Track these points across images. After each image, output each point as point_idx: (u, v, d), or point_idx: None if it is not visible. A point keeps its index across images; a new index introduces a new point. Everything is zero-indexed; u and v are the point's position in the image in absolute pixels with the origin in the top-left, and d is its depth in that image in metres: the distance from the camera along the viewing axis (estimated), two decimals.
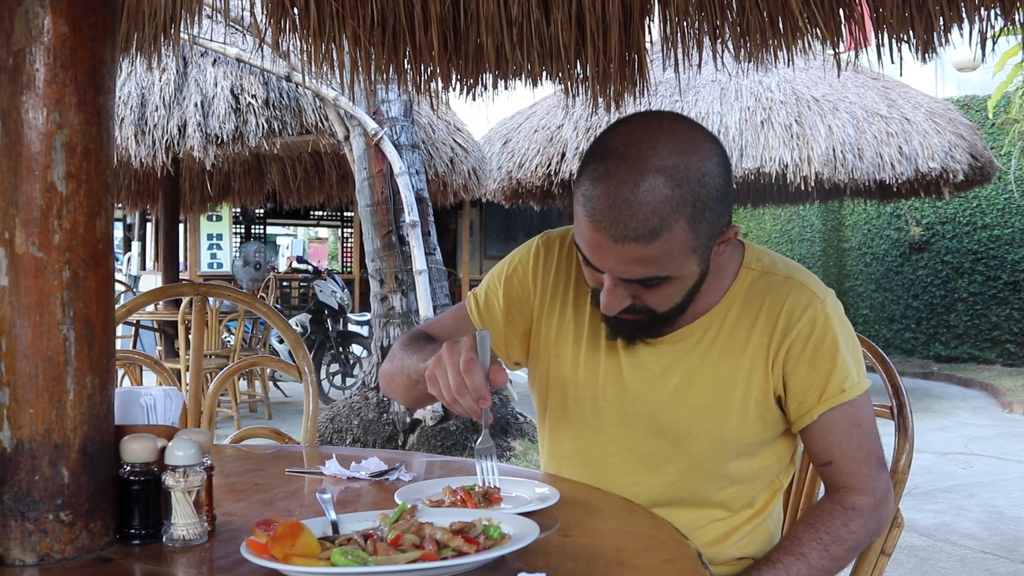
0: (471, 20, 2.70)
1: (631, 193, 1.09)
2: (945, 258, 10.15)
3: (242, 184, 9.02)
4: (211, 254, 11.99)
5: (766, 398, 1.27)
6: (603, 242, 1.12)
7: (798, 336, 1.25)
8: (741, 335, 1.27)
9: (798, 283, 1.28)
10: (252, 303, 1.84)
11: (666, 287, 1.17)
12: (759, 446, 1.31)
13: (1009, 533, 3.96)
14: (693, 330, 1.29)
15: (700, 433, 1.28)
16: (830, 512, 1.26)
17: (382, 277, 5.08)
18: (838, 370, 1.24)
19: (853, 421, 1.26)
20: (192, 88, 5.36)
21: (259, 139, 5.32)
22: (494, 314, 1.42)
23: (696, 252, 1.15)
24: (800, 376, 1.25)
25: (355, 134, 5.14)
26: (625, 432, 1.32)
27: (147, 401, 1.02)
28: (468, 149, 6.65)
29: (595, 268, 1.17)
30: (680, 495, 1.31)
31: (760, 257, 1.33)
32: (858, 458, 1.27)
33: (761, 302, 1.28)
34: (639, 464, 1.32)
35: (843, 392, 1.25)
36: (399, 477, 1.31)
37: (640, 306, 1.19)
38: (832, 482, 1.29)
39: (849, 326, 1.30)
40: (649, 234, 1.09)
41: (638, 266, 1.13)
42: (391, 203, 5.01)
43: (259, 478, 1.34)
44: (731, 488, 1.31)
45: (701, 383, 1.28)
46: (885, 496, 1.28)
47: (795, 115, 6.80)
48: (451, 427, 4.93)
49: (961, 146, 6.99)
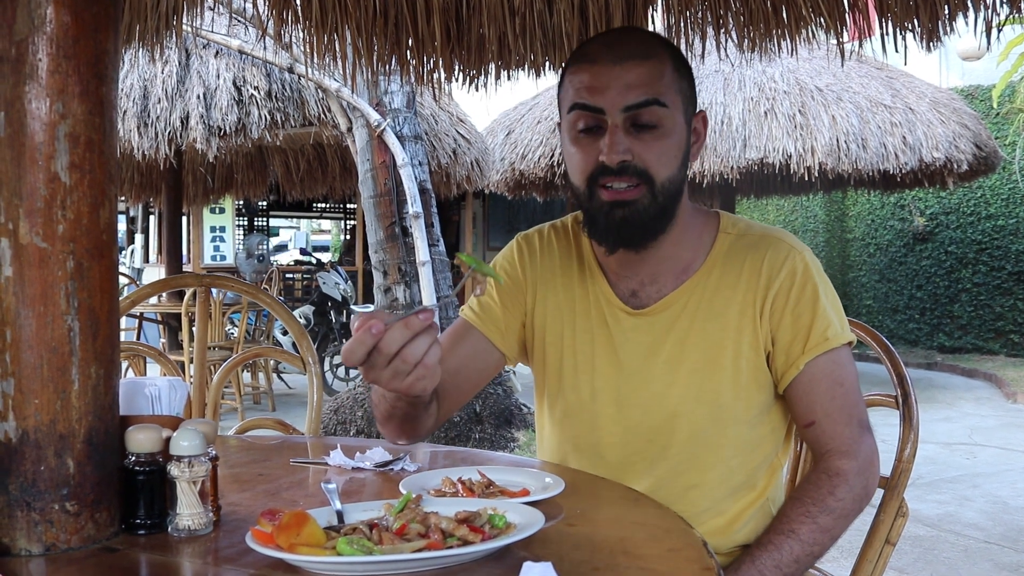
0: (473, 10, 2.69)
1: (620, 33, 1.34)
2: (949, 248, 10.12)
3: (245, 176, 9.04)
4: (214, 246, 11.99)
5: (757, 356, 1.29)
6: (602, 71, 1.24)
7: (780, 288, 1.28)
8: (725, 295, 1.31)
9: (775, 239, 1.33)
10: (256, 294, 1.84)
11: (659, 137, 1.24)
12: (756, 413, 1.31)
13: (1013, 523, 3.96)
14: (678, 296, 1.32)
15: (696, 401, 1.29)
16: (815, 482, 1.26)
17: (385, 268, 5.08)
18: (819, 318, 1.27)
19: (836, 379, 1.28)
20: (195, 80, 5.35)
21: (262, 131, 5.32)
22: (493, 312, 1.42)
23: (681, 95, 1.27)
24: (786, 328, 1.28)
25: (358, 125, 5.13)
26: (623, 413, 1.34)
27: (152, 392, 1.02)
28: (471, 140, 6.65)
29: (594, 110, 1.24)
30: (683, 476, 1.31)
31: (735, 222, 1.38)
32: (840, 419, 1.27)
33: (742, 261, 1.31)
34: (640, 446, 1.33)
35: (826, 340, 1.26)
36: (403, 467, 1.31)
37: (638, 167, 1.23)
38: (816, 445, 1.30)
39: (827, 279, 1.33)
40: (643, 53, 1.25)
41: (637, 88, 1.22)
42: (394, 194, 5.01)
43: (264, 468, 1.34)
44: (732, 460, 1.31)
45: (691, 348, 1.30)
46: (870, 460, 1.28)
47: (799, 105, 6.78)
48: (454, 418, 4.93)
49: (965, 136, 6.97)
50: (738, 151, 6.70)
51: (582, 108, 1.26)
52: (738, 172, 6.76)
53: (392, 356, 0.94)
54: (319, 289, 8.19)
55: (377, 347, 0.93)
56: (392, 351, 0.93)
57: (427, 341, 0.94)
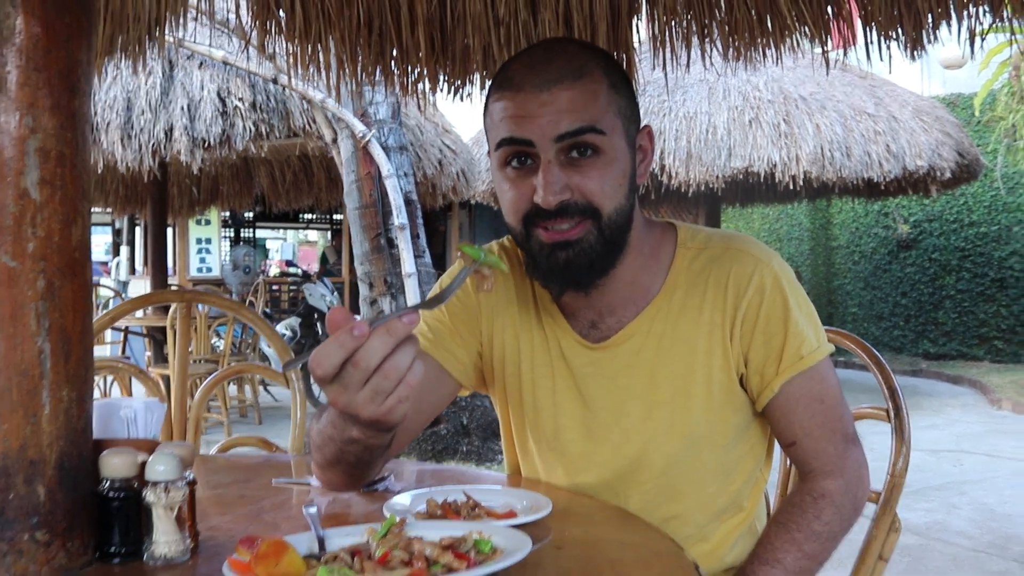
0: (458, 21, 2.68)
1: (545, 52, 1.17)
2: (933, 256, 10.18)
3: (230, 187, 8.98)
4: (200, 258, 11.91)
5: (730, 380, 1.21)
6: (528, 99, 1.11)
7: (749, 306, 1.19)
8: (690, 317, 1.21)
9: (738, 251, 1.23)
10: (239, 310, 1.81)
11: (600, 165, 1.12)
12: (733, 436, 1.25)
13: (1000, 531, 3.96)
14: (639, 324, 1.23)
15: (669, 432, 1.21)
16: (800, 506, 1.20)
17: (371, 280, 5.05)
18: (792, 335, 1.18)
19: (815, 395, 1.20)
20: (178, 91, 5.31)
21: (246, 142, 5.28)
22: (447, 338, 1.29)
23: (620, 116, 1.15)
24: (757, 348, 1.20)
25: (343, 136, 5.11)
26: (592, 449, 1.25)
27: (127, 414, 0.99)
28: (456, 151, 6.63)
29: (523, 143, 1.11)
30: (660, 508, 1.24)
31: (694, 235, 1.27)
32: (822, 436, 1.21)
33: (706, 279, 1.22)
34: (611, 481, 1.25)
35: (801, 359, 1.18)
36: (388, 487, 1.28)
37: (580, 203, 1.11)
38: (799, 464, 1.25)
39: (799, 288, 1.24)
40: (573, 74, 1.11)
41: (568, 115, 1.10)
42: (379, 206, 4.98)
43: (245, 490, 1.31)
44: (711, 487, 1.25)
45: (659, 378, 1.22)
46: (857, 475, 1.23)
47: (783, 114, 6.80)
48: (441, 431, 4.90)
49: (948, 144, 7.01)
50: (723, 160, 6.71)
51: (510, 143, 1.13)
52: (723, 181, 6.77)
53: (371, 371, 0.79)
54: (305, 301, 8.15)
55: (352, 360, 0.79)
56: (372, 364, 0.79)
57: (411, 353, 0.81)
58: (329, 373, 0.80)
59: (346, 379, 0.80)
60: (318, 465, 1.11)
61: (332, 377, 0.81)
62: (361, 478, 1.13)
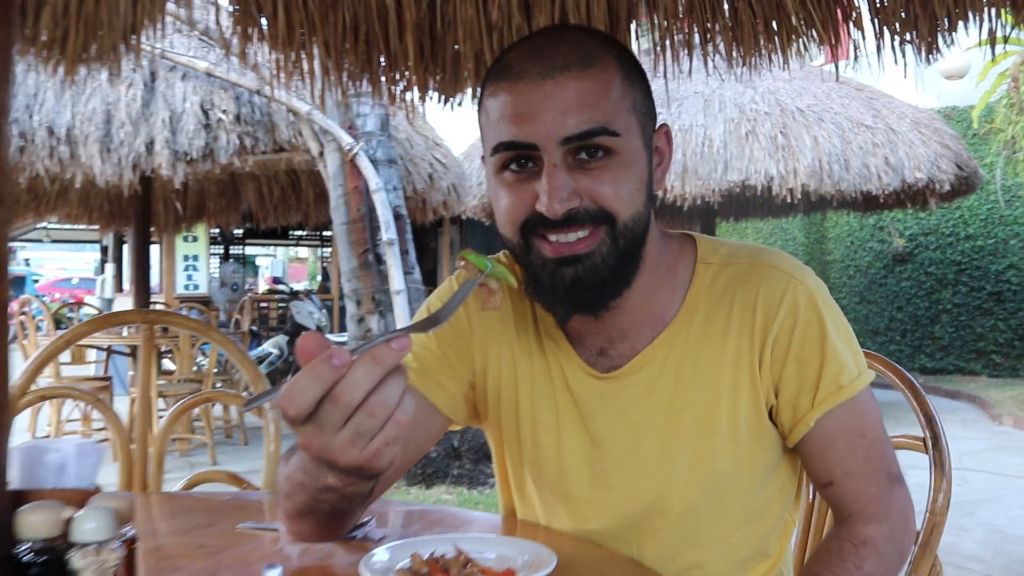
0: (448, 26, 2.55)
1: (549, 37, 1.03)
2: (929, 269, 10.08)
3: (217, 203, 8.86)
4: (187, 275, 11.79)
5: (758, 415, 1.06)
6: (529, 90, 0.96)
7: (781, 330, 1.04)
8: (713, 343, 1.07)
9: (768, 266, 1.08)
10: (206, 331, 1.65)
11: (614, 168, 0.97)
12: (761, 477, 1.09)
13: (1014, 554, 3.82)
14: (656, 351, 1.08)
15: (689, 475, 1.06)
16: (839, 554, 1.05)
17: (359, 298, 4.90)
18: (830, 362, 1.04)
19: (856, 430, 1.06)
20: (160, 103, 5.16)
21: (230, 156, 5.13)
22: (434, 369, 1.13)
23: (635, 113, 1.00)
24: (790, 377, 1.05)
25: (329, 150, 4.97)
26: (601, 495, 1.10)
27: (55, 459, 0.84)
28: (447, 165, 6.49)
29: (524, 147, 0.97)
30: (678, 559, 1.09)
31: (716, 248, 1.13)
32: (863, 476, 1.06)
33: (731, 300, 1.07)
34: (623, 530, 1.10)
35: (840, 389, 1.04)
36: (367, 534, 1.13)
37: (591, 209, 0.97)
38: (837, 507, 1.10)
39: (836, 308, 1.08)
40: (581, 61, 0.97)
41: (576, 112, 0.95)
42: (367, 221, 4.84)
43: (205, 538, 1.16)
44: (736, 534, 1.10)
45: (678, 413, 1.07)
46: (903, 519, 1.09)
47: (780, 126, 6.70)
48: (431, 454, 4.73)
49: (947, 156, 6.91)
50: (719, 173, 6.59)
51: (508, 147, 0.98)
52: (719, 195, 6.65)
53: (354, 408, 0.66)
54: (293, 319, 7.99)
55: (331, 395, 0.65)
56: (354, 400, 0.65)
57: (400, 385, 0.67)
58: (303, 412, 0.66)
59: (323, 418, 0.67)
60: (286, 515, 0.95)
61: (306, 416, 0.67)
62: (337, 530, 0.98)
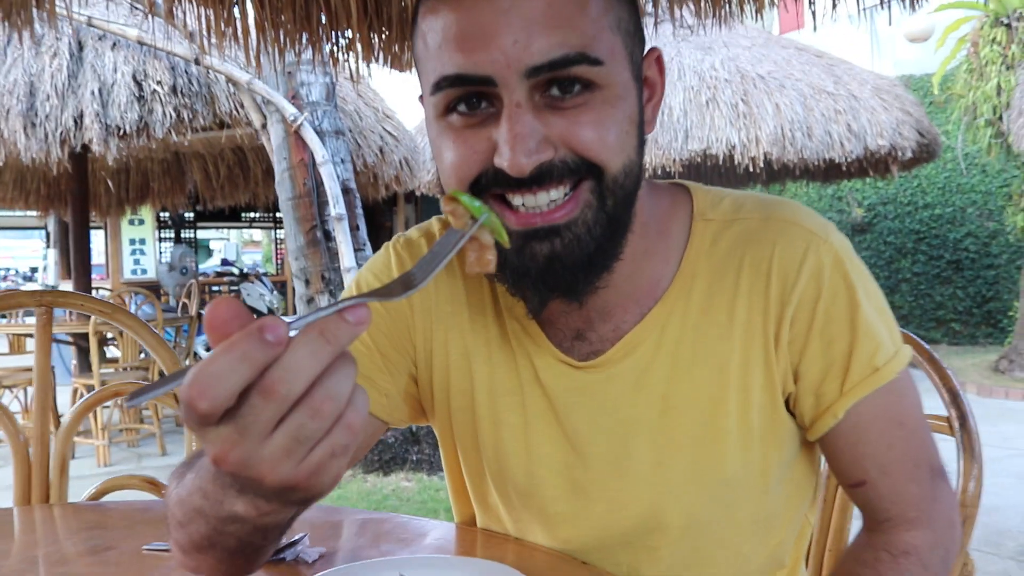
0: None
1: None
2: (888, 239, 10.09)
3: (161, 184, 8.52)
4: (134, 260, 11.40)
5: (773, 407, 0.86)
6: (482, 5, 0.72)
7: (802, 301, 0.83)
8: (718, 321, 0.85)
9: (784, 222, 0.85)
10: (112, 314, 1.42)
11: (597, 106, 0.75)
12: (776, 477, 0.89)
13: (992, 526, 3.72)
14: (646, 332, 0.86)
15: (690, 482, 0.87)
16: (873, 566, 0.85)
17: (307, 277, 4.64)
18: (863, 339, 0.83)
19: (893, 418, 0.85)
20: (88, 74, 4.82)
21: (166, 130, 4.81)
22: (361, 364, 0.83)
23: (620, 33, 0.77)
24: (813, 358, 0.84)
25: (272, 121, 4.68)
26: (583, 510, 0.90)
27: None
28: (399, 138, 6.21)
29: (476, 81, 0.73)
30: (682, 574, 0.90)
31: (717, 200, 0.89)
32: (902, 472, 0.86)
33: (738, 265, 0.85)
34: (613, 550, 0.90)
35: (875, 372, 0.83)
36: (299, 556, 0.92)
37: (570, 161, 0.74)
38: (871, 510, 0.88)
39: (866, 272, 0.87)
40: None
41: (545, 32, 0.72)
42: (314, 195, 4.57)
43: (100, 564, 0.94)
44: (746, 545, 0.90)
45: (677, 408, 0.86)
46: (948, 522, 0.88)
47: (741, 94, 6.55)
48: (388, 439, 4.51)
49: (908, 122, 6.84)
50: (680, 142, 6.44)
51: (455, 82, 0.75)
52: (680, 165, 6.49)
53: (292, 403, 0.46)
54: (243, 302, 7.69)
55: (260, 385, 0.45)
56: (295, 392, 0.46)
57: (350, 375, 0.48)
58: (219, 407, 0.45)
59: (247, 417, 0.46)
60: (180, 548, 0.70)
61: (222, 414, 0.45)
62: (247, 566, 0.71)
